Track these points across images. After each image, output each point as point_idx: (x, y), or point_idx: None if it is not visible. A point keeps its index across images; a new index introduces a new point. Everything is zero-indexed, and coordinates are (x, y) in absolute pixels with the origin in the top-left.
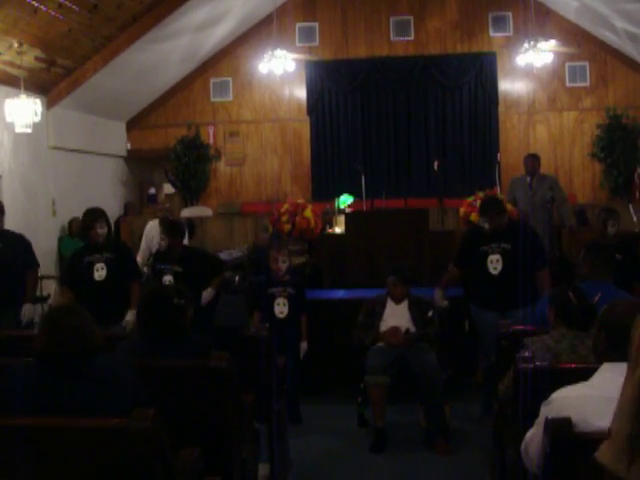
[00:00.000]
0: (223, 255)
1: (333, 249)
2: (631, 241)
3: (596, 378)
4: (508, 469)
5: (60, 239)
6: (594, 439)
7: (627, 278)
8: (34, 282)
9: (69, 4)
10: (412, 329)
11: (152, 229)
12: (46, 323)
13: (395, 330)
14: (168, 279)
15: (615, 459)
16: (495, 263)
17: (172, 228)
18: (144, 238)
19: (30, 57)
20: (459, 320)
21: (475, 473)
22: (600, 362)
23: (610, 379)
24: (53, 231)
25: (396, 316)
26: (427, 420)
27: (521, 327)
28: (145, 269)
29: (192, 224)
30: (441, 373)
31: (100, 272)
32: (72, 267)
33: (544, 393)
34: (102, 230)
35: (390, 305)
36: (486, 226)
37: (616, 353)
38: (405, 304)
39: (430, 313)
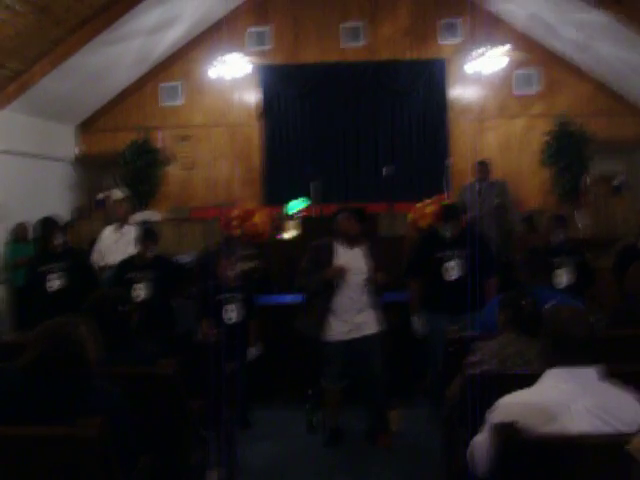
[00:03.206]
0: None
1: (283, 254)
2: (581, 248)
3: (539, 385)
4: (457, 474)
5: (6, 244)
6: (539, 444)
7: (580, 284)
8: None
9: (17, 6)
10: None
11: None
12: (45, 334)
13: (340, 269)
14: (140, 287)
15: None
16: (451, 270)
17: (154, 234)
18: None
19: None
20: (408, 324)
21: (424, 478)
22: (547, 367)
23: (552, 386)
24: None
25: (350, 262)
26: (369, 416)
27: (468, 333)
28: None
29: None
30: (384, 373)
31: (52, 282)
32: (27, 277)
33: (491, 398)
34: (58, 242)
35: (341, 250)
36: (447, 233)
37: (560, 359)
38: (360, 250)
39: None
